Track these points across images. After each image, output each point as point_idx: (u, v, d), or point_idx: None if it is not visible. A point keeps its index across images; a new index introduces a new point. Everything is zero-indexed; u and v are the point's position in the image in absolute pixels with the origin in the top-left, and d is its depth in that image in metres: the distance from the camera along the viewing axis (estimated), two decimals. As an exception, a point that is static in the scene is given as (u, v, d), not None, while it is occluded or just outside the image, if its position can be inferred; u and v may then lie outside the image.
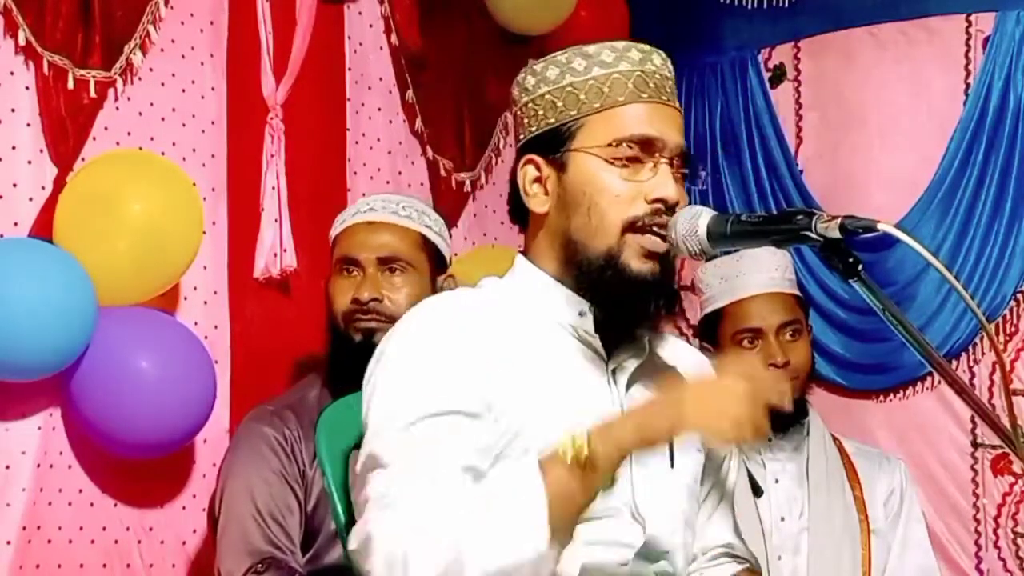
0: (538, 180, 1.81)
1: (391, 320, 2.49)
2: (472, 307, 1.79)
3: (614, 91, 1.77)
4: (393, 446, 1.65)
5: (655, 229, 1.75)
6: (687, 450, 1.84)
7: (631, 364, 1.82)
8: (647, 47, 1.84)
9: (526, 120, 1.83)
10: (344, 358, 2.66)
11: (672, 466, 1.80)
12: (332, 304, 2.76)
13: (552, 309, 1.80)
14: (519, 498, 1.56)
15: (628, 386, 1.81)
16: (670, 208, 1.75)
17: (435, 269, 2.80)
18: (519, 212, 1.87)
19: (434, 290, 2.76)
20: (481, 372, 1.69)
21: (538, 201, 1.81)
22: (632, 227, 1.75)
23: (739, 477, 2.95)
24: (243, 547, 2.62)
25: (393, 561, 1.55)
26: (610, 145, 1.76)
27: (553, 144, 1.79)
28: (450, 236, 2.92)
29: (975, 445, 3.69)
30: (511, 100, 1.87)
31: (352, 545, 1.64)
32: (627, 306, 1.77)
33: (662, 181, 1.76)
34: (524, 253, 1.86)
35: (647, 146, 1.76)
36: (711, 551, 1.93)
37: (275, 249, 3.23)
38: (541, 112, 1.80)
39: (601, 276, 1.76)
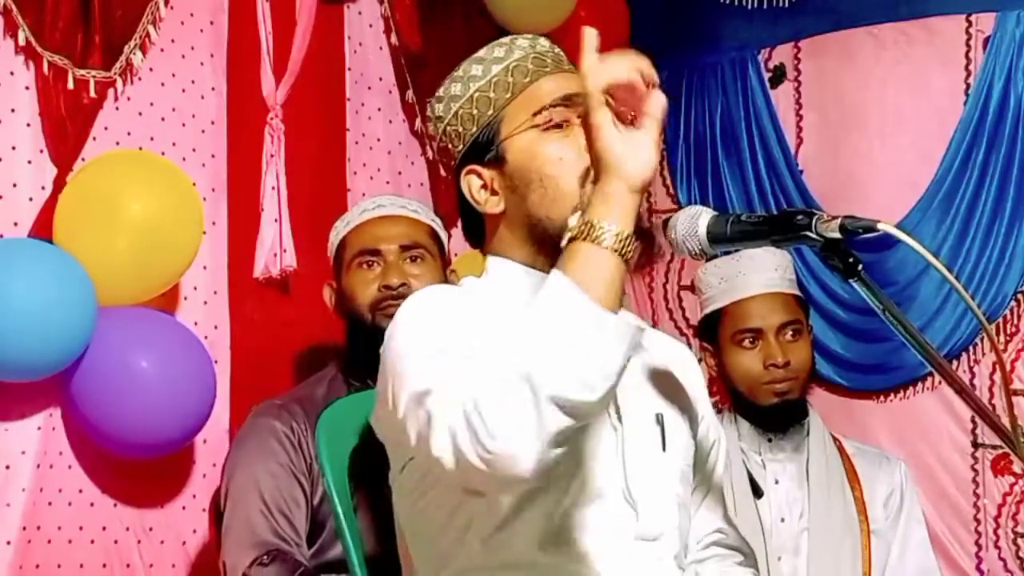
0: (484, 187, 1.82)
1: None
2: (459, 296, 1.81)
3: (517, 77, 1.81)
4: (430, 372, 1.60)
5: None
6: (679, 434, 1.85)
7: None
8: (529, 35, 1.88)
9: (451, 145, 1.85)
10: (372, 349, 2.67)
11: (664, 449, 1.81)
12: (354, 298, 2.77)
13: (529, 294, 1.79)
14: (563, 301, 1.50)
15: None
16: None
17: (444, 262, 2.88)
18: (473, 230, 1.89)
19: (446, 282, 2.80)
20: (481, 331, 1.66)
21: (492, 203, 1.82)
22: (587, 179, 1.72)
23: (739, 478, 2.98)
24: (249, 539, 2.62)
25: (472, 422, 1.48)
26: (535, 115, 1.78)
27: (483, 148, 1.81)
28: (450, 236, 2.93)
29: (975, 445, 3.69)
30: (431, 138, 1.91)
31: (411, 442, 1.59)
32: None
33: None
34: (492, 254, 1.86)
35: (570, 103, 1.78)
36: (702, 540, 1.94)
37: (275, 249, 3.23)
38: (461, 128, 1.83)
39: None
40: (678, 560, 1.81)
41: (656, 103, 1.60)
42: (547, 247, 1.77)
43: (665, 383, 1.87)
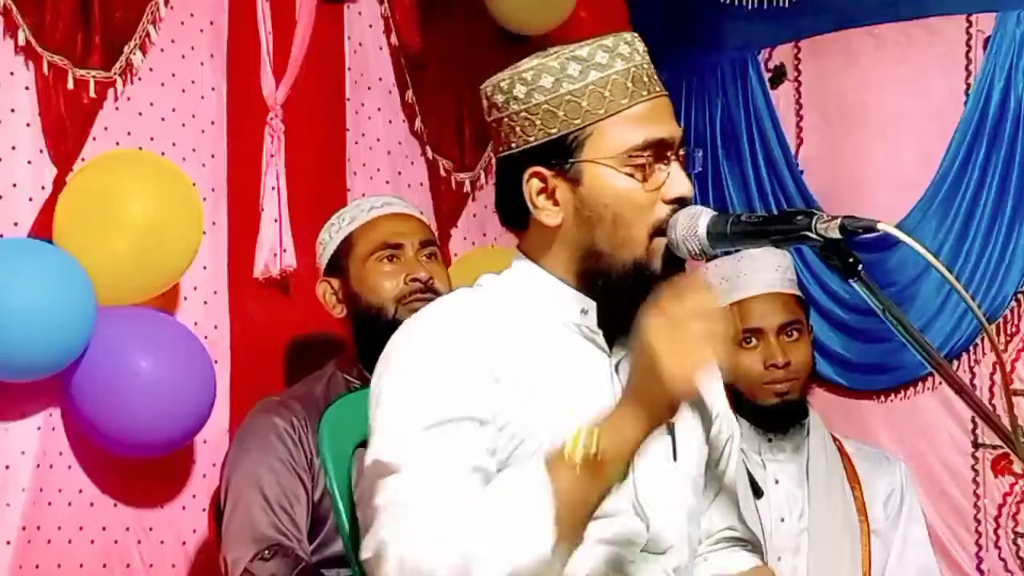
0: (544, 191, 1.78)
1: None
2: (474, 310, 1.78)
3: (615, 94, 1.74)
4: (404, 452, 1.65)
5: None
6: (690, 442, 1.84)
7: (628, 359, 1.81)
8: (627, 35, 1.81)
9: (519, 129, 1.78)
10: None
11: (675, 459, 1.80)
12: (376, 291, 2.76)
13: (555, 307, 1.79)
14: (526, 502, 1.56)
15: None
16: (685, 202, 1.76)
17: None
18: (515, 217, 1.83)
19: (450, 282, 2.84)
20: (487, 376, 1.69)
21: (549, 214, 1.77)
22: (657, 231, 1.74)
23: (739, 477, 2.98)
24: (250, 534, 2.62)
25: (405, 567, 1.57)
26: (624, 154, 1.73)
27: (557, 154, 1.75)
28: (449, 236, 2.94)
29: (976, 445, 3.69)
30: (491, 106, 1.83)
31: (366, 554, 1.65)
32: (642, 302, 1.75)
33: (678, 180, 1.75)
34: (525, 255, 1.84)
35: (660, 148, 1.75)
36: (714, 535, 1.94)
37: (275, 249, 3.23)
38: (539, 122, 1.76)
39: (626, 282, 1.74)
40: (679, 572, 1.81)
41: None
42: (591, 277, 1.77)
43: None
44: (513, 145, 1.80)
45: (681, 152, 1.78)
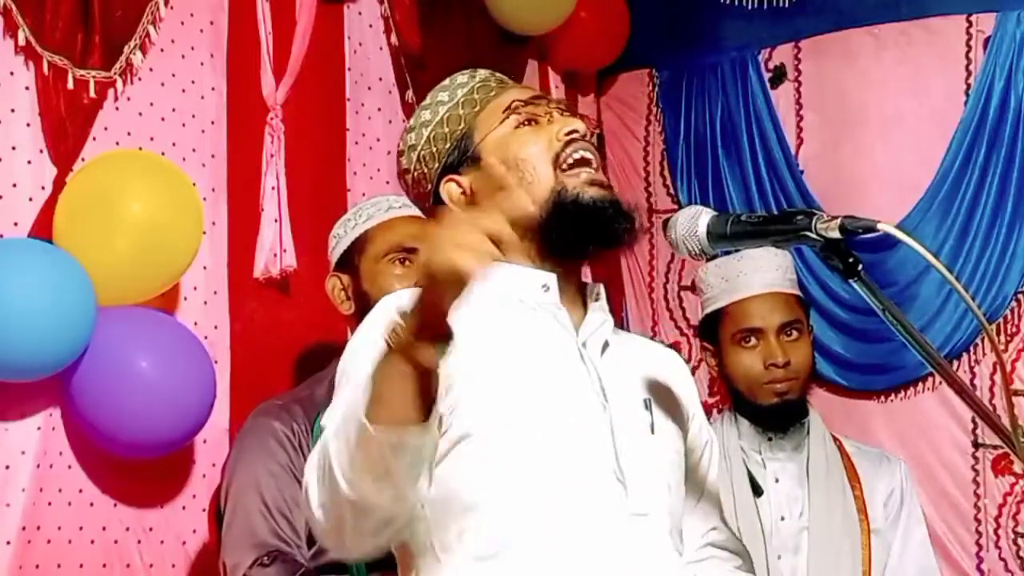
0: (463, 193, 1.88)
1: None
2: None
3: (482, 93, 1.93)
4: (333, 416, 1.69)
5: (584, 158, 1.83)
6: (667, 424, 1.86)
7: (599, 336, 1.84)
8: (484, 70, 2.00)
9: (425, 168, 1.92)
10: None
11: (653, 432, 1.82)
12: (386, 293, 2.71)
13: (514, 288, 1.82)
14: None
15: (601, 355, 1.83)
16: (583, 137, 1.85)
17: None
18: None
19: None
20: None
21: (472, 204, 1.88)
22: (558, 163, 1.83)
23: (739, 477, 2.98)
24: (249, 540, 2.62)
25: (304, 490, 1.65)
26: (504, 112, 1.88)
27: (458, 159, 1.89)
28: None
29: (976, 445, 3.69)
30: (403, 171, 1.96)
31: None
32: (594, 233, 1.81)
33: (564, 120, 1.87)
34: None
35: (534, 102, 1.89)
36: (697, 540, 1.94)
37: (275, 249, 3.23)
38: (435, 149, 1.91)
39: (559, 215, 1.81)
40: (672, 537, 1.82)
41: None
42: (530, 234, 1.83)
43: (652, 378, 1.88)
44: (428, 189, 1.93)
45: (565, 110, 1.90)
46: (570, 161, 1.83)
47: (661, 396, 1.88)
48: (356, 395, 1.57)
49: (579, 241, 1.83)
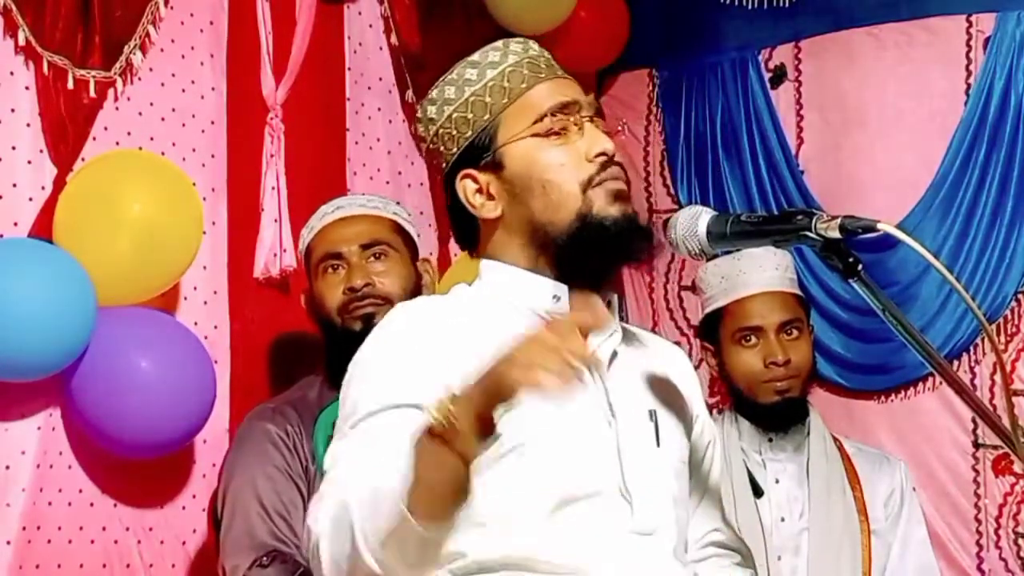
0: (479, 191, 1.83)
1: (387, 301, 2.60)
2: (442, 308, 1.83)
3: (513, 82, 1.83)
4: (347, 436, 1.69)
5: (620, 191, 1.80)
6: (672, 431, 1.85)
7: (608, 348, 1.83)
8: (520, 38, 1.91)
9: (443, 147, 1.86)
10: (347, 352, 2.68)
11: (658, 445, 1.81)
12: (323, 304, 2.80)
13: (525, 298, 1.81)
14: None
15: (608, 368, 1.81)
16: (611, 159, 1.80)
17: (413, 253, 2.87)
18: (466, 234, 1.89)
19: (416, 273, 2.83)
20: (448, 369, 1.65)
21: (488, 208, 1.83)
22: (589, 186, 1.79)
23: (739, 477, 2.98)
24: (247, 542, 2.63)
25: (310, 530, 1.60)
26: (534, 123, 1.80)
27: (479, 152, 1.83)
28: (450, 236, 2.93)
29: (976, 445, 3.69)
30: (419, 139, 1.93)
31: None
32: (610, 253, 1.80)
33: (594, 137, 1.81)
34: (486, 258, 1.87)
35: (566, 111, 1.81)
36: (700, 540, 1.94)
37: (275, 249, 3.23)
38: (455, 131, 1.85)
39: (579, 237, 1.78)
40: (677, 554, 1.81)
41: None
42: (549, 252, 1.80)
43: (658, 383, 1.88)
44: (443, 166, 1.88)
45: (596, 119, 1.84)
46: (594, 182, 1.79)
47: (667, 402, 1.87)
48: (386, 451, 1.55)
49: (598, 268, 1.81)
